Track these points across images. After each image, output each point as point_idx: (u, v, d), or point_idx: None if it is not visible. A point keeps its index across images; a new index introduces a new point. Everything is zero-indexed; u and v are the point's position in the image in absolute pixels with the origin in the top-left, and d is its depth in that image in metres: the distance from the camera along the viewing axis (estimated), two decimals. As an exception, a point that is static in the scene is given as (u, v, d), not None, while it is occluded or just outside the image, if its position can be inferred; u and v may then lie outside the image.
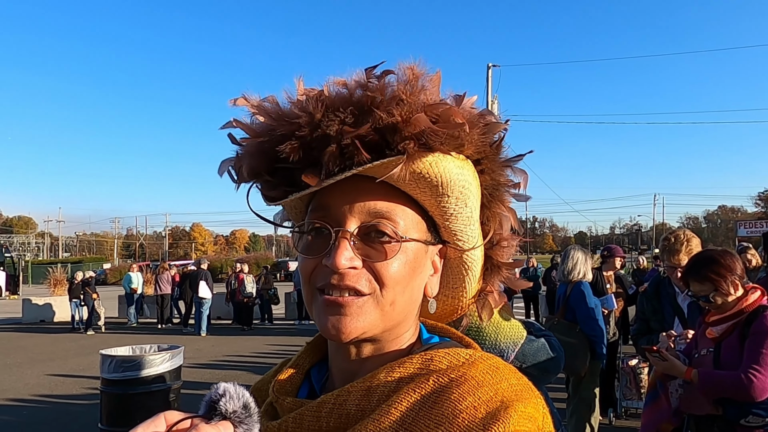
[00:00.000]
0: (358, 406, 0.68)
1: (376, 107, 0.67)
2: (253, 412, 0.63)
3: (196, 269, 16.31)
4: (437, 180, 0.70)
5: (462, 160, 0.72)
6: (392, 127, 0.67)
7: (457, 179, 0.72)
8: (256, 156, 0.72)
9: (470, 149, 0.73)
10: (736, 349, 2.56)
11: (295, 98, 0.73)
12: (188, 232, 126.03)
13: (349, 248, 0.70)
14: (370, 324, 0.71)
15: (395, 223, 0.72)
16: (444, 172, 0.70)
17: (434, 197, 0.73)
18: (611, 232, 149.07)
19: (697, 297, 2.72)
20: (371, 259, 0.71)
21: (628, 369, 6.17)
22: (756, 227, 36.01)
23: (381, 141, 0.67)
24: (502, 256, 0.86)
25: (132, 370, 4.98)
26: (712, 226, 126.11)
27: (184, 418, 0.59)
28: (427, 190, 0.72)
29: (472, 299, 0.87)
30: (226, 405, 0.60)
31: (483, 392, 0.65)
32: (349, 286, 0.70)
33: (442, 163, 0.70)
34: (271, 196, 0.75)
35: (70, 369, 10.35)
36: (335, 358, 0.80)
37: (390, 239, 0.71)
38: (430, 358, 0.71)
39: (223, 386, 0.62)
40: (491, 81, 26.67)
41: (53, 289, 21.06)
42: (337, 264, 0.68)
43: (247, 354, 11.42)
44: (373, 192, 0.71)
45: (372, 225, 0.71)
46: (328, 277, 0.70)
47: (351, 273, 0.70)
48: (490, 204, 0.81)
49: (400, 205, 0.73)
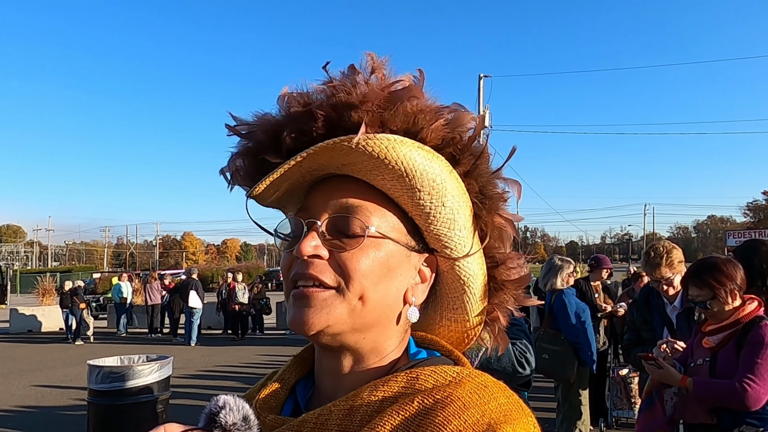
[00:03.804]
0: (339, 427, 0.67)
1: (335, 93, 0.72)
2: (253, 425, 0.63)
3: (186, 278, 16.21)
4: (400, 167, 0.70)
5: (428, 152, 0.72)
6: (348, 104, 0.70)
7: (424, 170, 0.71)
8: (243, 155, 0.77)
9: (434, 138, 0.72)
10: (732, 359, 2.55)
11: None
12: (179, 241, 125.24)
13: (315, 237, 0.71)
14: (335, 318, 0.70)
15: (366, 218, 0.72)
16: (405, 159, 0.70)
17: (405, 191, 0.72)
18: (602, 241, 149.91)
19: (695, 302, 2.70)
20: (336, 250, 0.71)
21: (618, 378, 6.18)
22: (745, 237, 36.30)
23: (337, 119, 0.71)
24: (509, 276, 0.83)
25: (120, 381, 4.92)
26: (702, 236, 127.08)
27: (185, 431, 0.59)
28: (395, 182, 0.72)
29: (479, 323, 0.84)
30: (226, 417, 0.60)
31: (469, 414, 0.63)
32: (313, 275, 0.70)
33: (401, 148, 0.69)
34: (248, 185, 0.77)
35: (57, 380, 10.24)
36: (319, 371, 0.79)
37: (357, 234, 0.72)
38: (416, 376, 0.69)
39: (223, 398, 0.62)
40: (483, 91, 26.86)
41: (42, 299, 20.84)
42: (301, 250, 0.70)
43: (237, 364, 11.34)
44: (348, 190, 0.74)
45: (339, 217, 0.73)
46: (298, 267, 0.72)
47: (316, 262, 0.71)
48: (481, 213, 0.79)
49: (376, 205, 0.74)
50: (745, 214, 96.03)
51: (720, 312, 2.61)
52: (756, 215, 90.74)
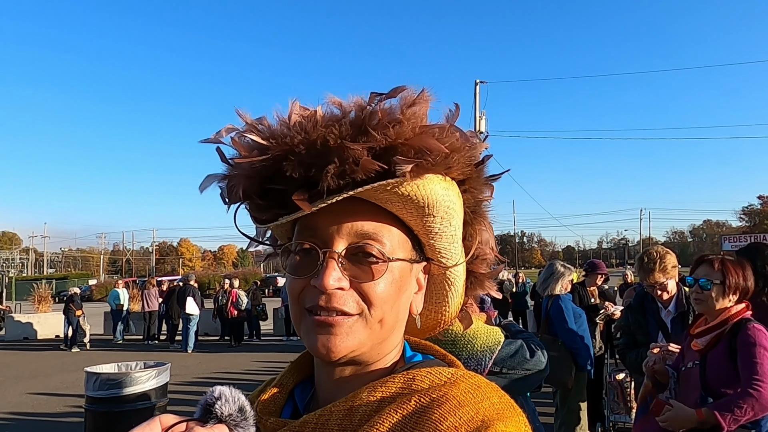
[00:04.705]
0: (339, 426, 0.68)
1: (373, 128, 0.67)
2: (249, 416, 0.63)
3: (183, 285, 16.15)
4: (424, 201, 0.71)
5: (448, 182, 0.73)
6: (391, 147, 0.67)
7: (443, 200, 0.72)
8: (248, 177, 0.71)
9: (456, 171, 0.74)
10: (722, 363, 2.55)
11: (285, 118, 0.72)
12: (176, 247, 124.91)
13: (337, 269, 0.70)
14: (359, 343, 0.72)
15: (382, 243, 0.72)
16: (431, 194, 0.71)
17: (420, 217, 0.74)
18: (599, 246, 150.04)
19: (696, 279, 2.66)
20: (359, 280, 0.71)
21: (615, 383, 6.18)
22: (740, 241, 36.38)
23: (377, 161, 0.67)
24: (482, 268, 0.88)
25: (117, 388, 4.91)
26: (698, 241, 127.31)
27: (180, 422, 0.60)
28: (413, 210, 0.72)
29: (456, 313, 0.88)
30: (222, 408, 0.61)
31: (464, 412, 0.65)
32: (337, 308, 0.70)
33: (429, 186, 0.70)
34: (262, 218, 0.75)
35: (53, 387, 10.16)
36: (320, 377, 0.80)
37: (377, 260, 0.71)
38: (412, 377, 0.71)
39: (219, 389, 0.63)
40: (479, 97, 26.94)
41: (37, 306, 20.71)
42: (325, 285, 0.69)
43: (234, 370, 11.28)
44: (359, 213, 0.72)
45: (359, 246, 0.71)
46: (317, 297, 0.70)
47: (338, 294, 0.70)
48: (472, 221, 0.82)
49: (387, 225, 0.74)
50: (741, 218, 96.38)
51: (715, 301, 2.60)
52: (751, 219, 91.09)
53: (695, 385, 2.64)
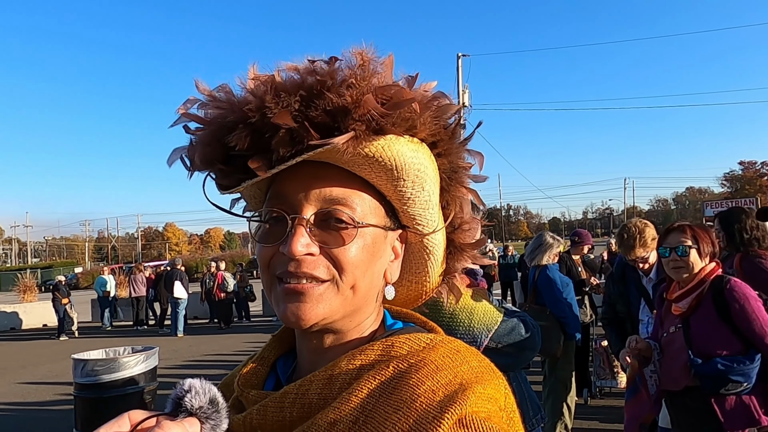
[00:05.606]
0: (320, 395, 0.68)
1: (327, 90, 0.66)
2: (221, 408, 0.62)
3: (170, 269, 16.07)
4: (391, 163, 0.70)
5: (416, 144, 0.72)
6: (342, 109, 0.66)
7: (411, 162, 0.72)
8: (208, 144, 0.72)
9: (424, 132, 0.73)
10: (711, 322, 2.58)
11: (246, 85, 0.72)
12: (161, 232, 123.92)
13: (305, 235, 0.69)
14: (331, 310, 0.71)
15: (352, 209, 0.71)
16: (397, 156, 0.70)
17: (390, 181, 0.73)
18: (584, 216, 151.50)
19: (671, 248, 2.69)
20: (328, 246, 0.70)
21: (600, 349, 6.30)
22: (722, 207, 36.94)
23: (331, 124, 0.66)
24: (464, 239, 0.87)
25: (105, 374, 4.89)
26: (681, 208, 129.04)
27: (149, 417, 0.58)
28: (382, 174, 0.72)
29: (437, 283, 0.87)
30: (192, 401, 0.59)
31: (442, 376, 0.65)
32: (307, 273, 0.69)
33: (395, 146, 0.69)
34: (224, 184, 0.74)
35: (42, 376, 10.13)
36: (300, 348, 0.80)
37: (347, 225, 0.71)
38: (391, 344, 0.71)
39: (189, 382, 0.61)
40: (461, 70, 26.83)
41: (23, 296, 20.54)
42: (293, 251, 0.68)
43: (225, 352, 11.32)
44: (329, 178, 0.71)
45: (328, 211, 0.71)
46: (286, 264, 0.70)
47: (308, 260, 0.69)
48: (449, 188, 0.81)
49: (357, 191, 0.73)
50: (722, 184, 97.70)
51: (695, 265, 2.65)
52: (733, 185, 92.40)
53: (680, 347, 2.66)
